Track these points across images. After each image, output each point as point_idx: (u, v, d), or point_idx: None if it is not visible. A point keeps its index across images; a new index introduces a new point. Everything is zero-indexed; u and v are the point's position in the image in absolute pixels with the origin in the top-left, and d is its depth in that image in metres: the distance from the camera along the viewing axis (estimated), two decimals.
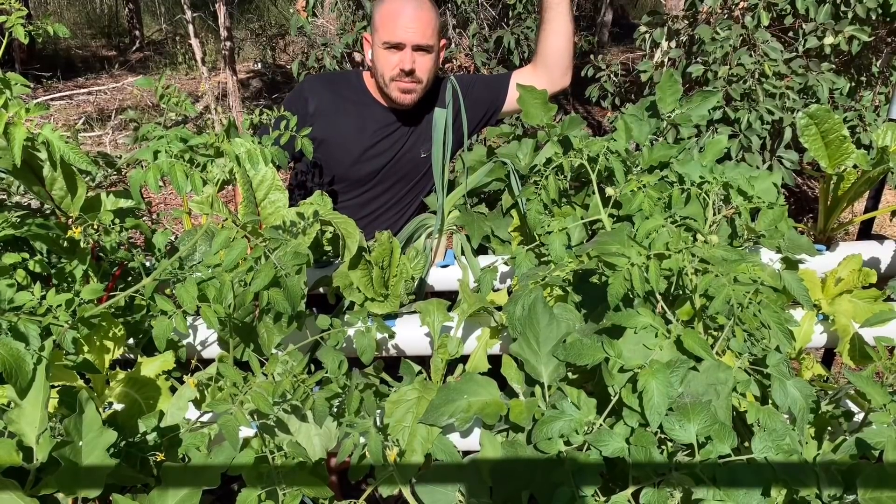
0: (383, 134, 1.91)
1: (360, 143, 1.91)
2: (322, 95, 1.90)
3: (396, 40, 1.77)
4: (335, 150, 1.90)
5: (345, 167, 1.91)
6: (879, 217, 2.56)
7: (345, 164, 1.91)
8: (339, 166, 1.91)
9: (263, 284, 1.19)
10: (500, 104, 1.99)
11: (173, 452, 1.20)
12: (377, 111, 1.91)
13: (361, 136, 1.90)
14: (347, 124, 1.89)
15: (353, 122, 1.90)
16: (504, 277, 1.64)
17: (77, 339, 1.15)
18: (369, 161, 1.91)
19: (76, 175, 1.35)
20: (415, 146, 1.94)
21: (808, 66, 3.14)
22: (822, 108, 1.66)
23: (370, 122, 1.90)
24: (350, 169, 1.92)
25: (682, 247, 1.18)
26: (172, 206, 4.88)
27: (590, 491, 1.01)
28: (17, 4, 1.25)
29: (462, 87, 1.73)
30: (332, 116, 1.88)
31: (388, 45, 1.78)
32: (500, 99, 1.98)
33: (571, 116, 1.65)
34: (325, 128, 1.86)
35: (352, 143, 1.90)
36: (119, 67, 8.85)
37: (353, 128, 1.89)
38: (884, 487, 1.00)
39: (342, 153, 1.90)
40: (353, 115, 1.90)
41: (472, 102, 1.85)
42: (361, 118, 1.90)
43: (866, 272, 1.53)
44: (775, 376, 1.13)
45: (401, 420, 1.28)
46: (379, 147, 1.91)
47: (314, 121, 1.86)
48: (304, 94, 1.91)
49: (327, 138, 1.88)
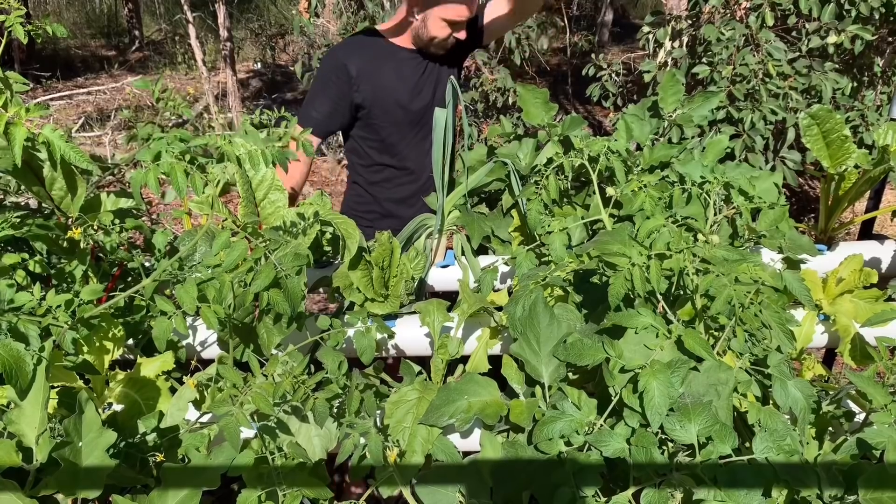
0: (419, 72, 2.11)
1: (405, 86, 2.09)
2: (357, 58, 2.05)
3: (460, 19, 1.97)
4: (387, 101, 2.08)
5: (400, 112, 2.10)
6: (880, 217, 2.56)
7: (399, 110, 2.10)
8: (394, 112, 2.10)
9: (263, 285, 1.19)
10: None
11: (173, 453, 1.20)
12: (405, 55, 2.10)
13: (404, 81, 2.09)
14: (389, 76, 2.07)
15: (393, 72, 2.08)
16: (504, 277, 1.64)
17: (77, 339, 1.15)
18: (417, 97, 2.11)
19: (76, 175, 1.35)
20: (443, 74, 2.15)
21: (812, 65, 3.14)
22: (824, 109, 1.66)
23: (405, 67, 2.10)
24: (405, 111, 2.11)
25: (683, 247, 1.18)
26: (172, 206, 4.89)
27: (590, 491, 1.01)
28: (15, 4, 1.25)
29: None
30: (374, 74, 2.06)
31: (448, 21, 1.98)
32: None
33: (572, 116, 1.65)
34: (372, 85, 2.05)
35: (399, 90, 2.08)
36: (118, 67, 8.85)
37: (395, 76, 2.08)
38: (885, 488, 1.00)
39: (393, 101, 2.08)
40: (390, 66, 2.08)
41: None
42: (398, 66, 2.08)
43: (867, 272, 1.53)
44: (776, 376, 1.12)
45: (401, 421, 1.28)
46: (420, 83, 2.11)
47: (359, 83, 2.04)
48: (341, 61, 2.05)
49: (377, 92, 2.06)
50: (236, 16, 10.18)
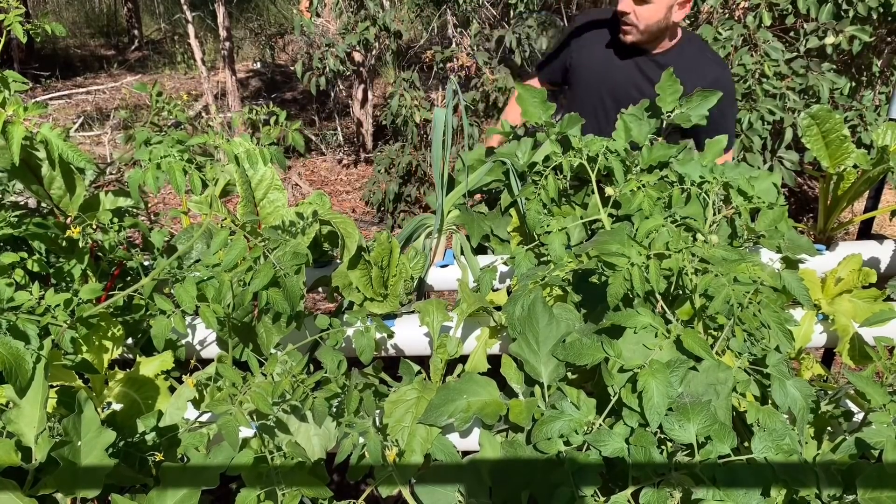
0: (621, 55, 2.23)
1: (606, 60, 2.25)
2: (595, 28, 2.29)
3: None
4: (587, 65, 2.28)
5: (593, 79, 2.28)
6: (879, 217, 2.56)
7: (593, 77, 2.27)
8: (590, 77, 2.29)
9: (262, 284, 1.19)
10: None
11: (172, 452, 1.20)
12: (617, 38, 2.23)
13: (608, 56, 2.25)
14: (600, 47, 2.26)
15: (605, 45, 2.26)
16: (503, 277, 1.64)
17: (76, 338, 1.15)
18: (610, 73, 2.26)
19: (75, 174, 1.35)
20: (631, 74, 2.25)
21: (809, 66, 3.14)
22: (824, 109, 1.66)
23: (614, 46, 2.25)
24: (597, 81, 2.27)
25: (681, 246, 1.18)
26: (171, 205, 4.88)
27: (589, 491, 1.01)
28: (15, 3, 1.25)
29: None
30: (594, 42, 2.27)
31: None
32: None
33: (571, 115, 1.65)
34: (586, 51, 2.28)
35: (599, 60, 2.26)
36: (118, 67, 8.84)
37: (603, 51, 2.26)
38: (883, 487, 1.00)
39: (591, 69, 2.28)
40: (606, 41, 2.26)
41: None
42: (612, 42, 2.24)
43: (866, 272, 1.53)
44: (775, 376, 1.12)
45: (400, 420, 1.28)
46: (612, 60, 2.26)
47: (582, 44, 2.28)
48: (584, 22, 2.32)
49: (585, 54, 2.29)
50: (236, 15, 10.17)
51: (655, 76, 2.15)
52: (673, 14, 2.09)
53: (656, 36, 2.15)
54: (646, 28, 2.11)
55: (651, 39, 2.16)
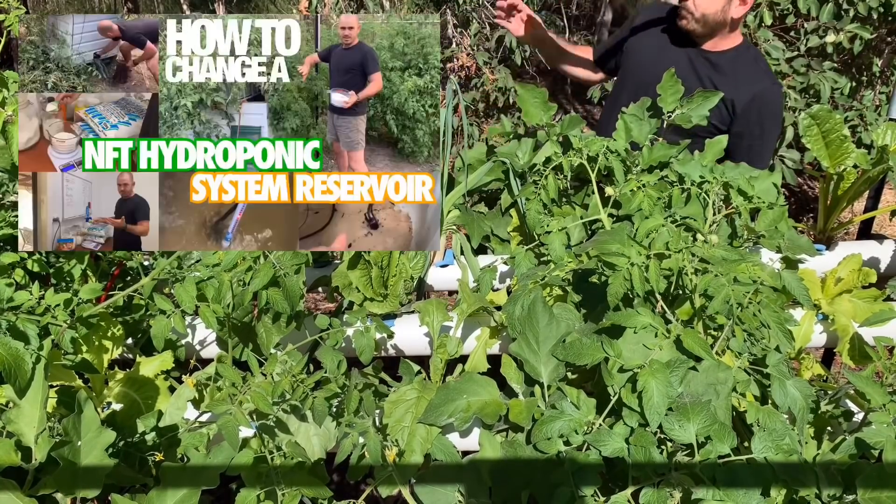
0: (676, 43, 2.21)
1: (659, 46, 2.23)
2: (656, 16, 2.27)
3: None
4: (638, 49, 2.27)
5: (642, 63, 2.24)
6: (879, 217, 2.56)
7: (642, 61, 2.24)
8: (639, 61, 2.26)
9: (262, 284, 1.19)
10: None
11: (172, 452, 1.20)
12: (674, 27, 2.20)
13: (662, 43, 2.22)
14: (656, 32, 2.24)
15: (660, 31, 2.24)
16: (503, 277, 1.64)
17: (76, 338, 1.15)
18: (660, 58, 2.20)
19: None
20: (680, 64, 2.16)
21: (810, 64, 3.14)
22: (824, 109, 1.66)
23: (669, 34, 2.23)
24: (646, 64, 2.21)
25: (681, 246, 1.18)
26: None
27: (589, 491, 1.01)
28: (15, 3, 1.25)
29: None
30: (649, 28, 2.27)
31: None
32: None
33: (571, 116, 1.65)
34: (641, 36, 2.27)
35: (651, 46, 2.25)
36: None
37: (658, 36, 2.24)
38: (883, 487, 1.00)
39: (641, 53, 2.27)
40: (662, 28, 2.24)
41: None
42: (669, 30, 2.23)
43: (866, 272, 1.53)
44: (775, 376, 1.12)
45: (400, 420, 1.28)
46: (665, 49, 2.23)
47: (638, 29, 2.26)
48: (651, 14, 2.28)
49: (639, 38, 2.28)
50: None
51: (704, 73, 2.15)
52: (732, 8, 2.03)
53: (713, 28, 2.09)
54: (702, 16, 2.06)
55: (707, 32, 2.10)
